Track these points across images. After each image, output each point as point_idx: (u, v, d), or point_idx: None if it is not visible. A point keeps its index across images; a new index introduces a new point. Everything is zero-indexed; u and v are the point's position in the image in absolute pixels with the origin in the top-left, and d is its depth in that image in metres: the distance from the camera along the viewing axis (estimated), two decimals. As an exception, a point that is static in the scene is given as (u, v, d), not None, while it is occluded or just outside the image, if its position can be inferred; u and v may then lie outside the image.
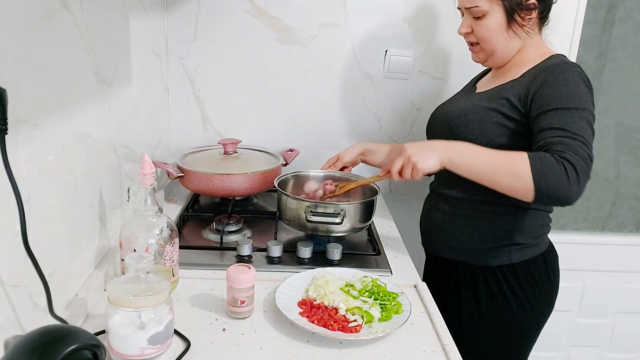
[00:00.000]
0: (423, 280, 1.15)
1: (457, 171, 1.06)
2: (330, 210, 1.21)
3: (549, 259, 1.23)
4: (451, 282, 1.27)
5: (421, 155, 1.06)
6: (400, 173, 1.11)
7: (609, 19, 1.86)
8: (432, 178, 1.36)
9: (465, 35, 1.21)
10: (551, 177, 0.96)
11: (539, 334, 1.28)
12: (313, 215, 1.20)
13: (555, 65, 1.11)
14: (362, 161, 1.43)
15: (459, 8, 1.22)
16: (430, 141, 1.12)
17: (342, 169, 1.43)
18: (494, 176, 1.02)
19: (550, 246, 1.26)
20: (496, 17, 1.14)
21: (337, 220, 1.20)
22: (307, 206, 1.22)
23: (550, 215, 1.24)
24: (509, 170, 1.00)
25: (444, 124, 1.23)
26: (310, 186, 1.39)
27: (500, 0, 1.12)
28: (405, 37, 1.66)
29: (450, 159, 1.05)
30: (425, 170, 1.07)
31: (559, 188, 0.97)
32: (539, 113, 1.05)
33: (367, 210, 1.28)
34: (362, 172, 1.45)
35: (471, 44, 1.22)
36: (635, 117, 1.98)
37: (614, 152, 2.01)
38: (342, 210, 1.21)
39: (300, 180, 1.43)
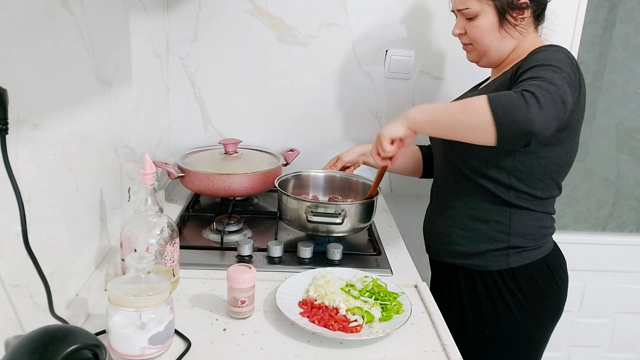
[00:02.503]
0: (430, 286, 1.14)
1: (424, 130, 1.07)
2: (330, 210, 1.21)
3: (553, 262, 1.20)
4: (453, 288, 1.26)
5: (387, 127, 1.09)
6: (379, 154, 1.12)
7: (609, 19, 1.86)
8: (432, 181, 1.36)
9: (459, 36, 1.22)
10: (507, 103, 0.93)
11: (547, 338, 1.25)
12: (314, 215, 1.20)
13: (543, 46, 1.12)
14: (364, 162, 1.43)
15: (452, 11, 1.22)
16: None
17: (343, 169, 1.44)
18: (454, 121, 1.01)
19: (555, 250, 1.23)
20: (488, 17, 1.14)
21: (338, 220, 1.20)
22: (308, 206, 1.22)
23: (553, 216, 1.23)
24: (467, 110, 0.99)
25: None
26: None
27: (491, 1, 1.12)
28: (406, 37, 1.66)
29: (414, 119, 1.06)
30: (386, 136, 1.07)
31: (516, 113, 0.92)
32: (516, 81, 1.05)
33: (367, 210, 1.28)
34: (363, 173, 1.45)
35: (465, 45, 1.23)
36: (635, 117, 1.97)
37: (615, 152, 2.01)
38: (342, 210, 1.21)
39: (301, 180, 1.44)
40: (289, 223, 1.29)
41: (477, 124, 0.97)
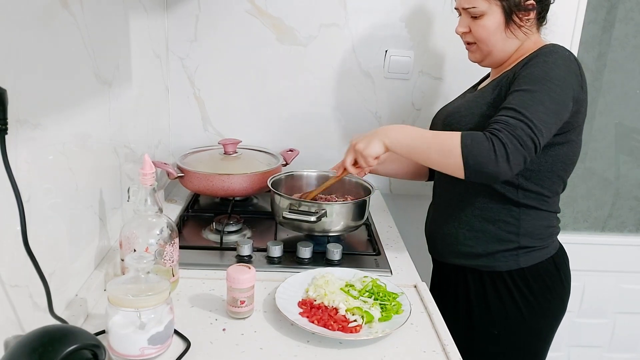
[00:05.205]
0: (431, 288, 1.14)
1: (398, 151, 1.09)
2: (312, 209, 1.21)
3: (560, 261, 1.21)
4: (460, 289, 1.25)
5: (365, 143, 1.11)
6: (355, 165, 1.17)
7: (609, 19, 1.86)
8: (434, 181, 1.36)
9: (463, 35, 1.21)
10: (478, 154, 0.98)
11: (553, 336, 1.26)
12: (290, 212, 1.20)
13: (544, 48, 1.11)
14: (371, 172, 1.42)
15: (456, 8, 1.22)
16: (374, 129, 1.15)
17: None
18: (429, 153, 1.05)
19: (561, 249, 1.23)
20: (494, 17, 1.14)
21: (312, 218, 1.19)
22: (291, 204, 1.22)
23: (558, 215, 1.23)
24: (442, 148, 1.03)
25: (439, 124, 1.24)
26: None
27: (499, 1, 1.12)
28: (405, 37, 1.66)
29: (390, 139, 1.09)
30: (372, 154, 1.11)
31: (486, 165, 0.98)
32: (509, 94, 1.06)
33: (359, 209, 1.27)
34: (368, 178, 1.45)
35: (468, 44, 1.22)
36: (635, 118, 1.98)
37: (614, 152, 2.02)
38: (322, 209, 1.21)
39: (294, 180, 1.43)
40: (279, 221, 1.30)
41: (448, 164, 1.03)
